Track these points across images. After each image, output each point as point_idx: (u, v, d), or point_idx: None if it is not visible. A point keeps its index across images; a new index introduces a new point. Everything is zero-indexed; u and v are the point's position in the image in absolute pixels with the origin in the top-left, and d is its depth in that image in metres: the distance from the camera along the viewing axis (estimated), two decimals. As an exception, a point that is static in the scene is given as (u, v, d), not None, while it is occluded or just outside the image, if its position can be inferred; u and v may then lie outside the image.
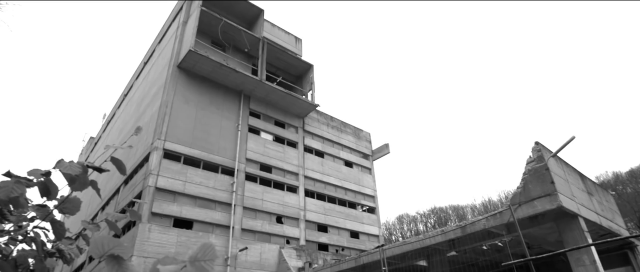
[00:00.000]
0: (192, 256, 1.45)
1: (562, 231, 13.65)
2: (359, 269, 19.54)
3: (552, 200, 12.88)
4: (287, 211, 29.95)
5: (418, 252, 17.08)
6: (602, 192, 17.76)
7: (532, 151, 14.49)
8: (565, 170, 14.97)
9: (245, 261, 25.83)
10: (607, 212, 16.54)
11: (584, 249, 12.52)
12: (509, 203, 13.79)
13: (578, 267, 12.73)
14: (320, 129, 36.49)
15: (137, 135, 2.28)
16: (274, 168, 31.12)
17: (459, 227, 15.47)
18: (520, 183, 14.16)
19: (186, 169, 26.32)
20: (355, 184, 36.28)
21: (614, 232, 15.66)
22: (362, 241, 33.70)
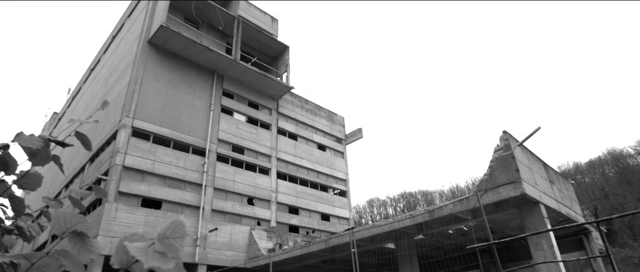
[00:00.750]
0: (160, 233, 1.38)
1: (524, 217, 14.26)
2: (329, 251, 19.82)
3: (517, 187, 13.39)
4: (259, 193, 29.88)
5: (387, 235, 17.46)
6: (562, 181, 18.61)
7: (500, 139, 14.94)
8: (530, 159, 15.56)
9: (215, 241, 25.70)
10: (566, 200, 17.38)
11: (543, 234, 13.14)
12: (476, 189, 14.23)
13: (537, 251, 13.36)
14: (294, 112, 36.33)
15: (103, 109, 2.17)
16: (247, 149, 30.84)
17: (427, 212, 15.87)
18: (487, 170, 14.62)
19: (155, 148, 25.70)
20: (328, 167, 36.51)
21: (572, 219, 16.50)
22: (332, 223, 34.14)
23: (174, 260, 1.32)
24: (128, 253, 1.34)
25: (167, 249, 1.34)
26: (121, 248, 1.37)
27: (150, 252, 1.33)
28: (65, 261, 1.39)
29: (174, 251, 1.34)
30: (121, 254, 1.39)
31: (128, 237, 1.40)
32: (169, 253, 1.33)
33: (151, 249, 1.34)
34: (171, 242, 1.35)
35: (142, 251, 1.31)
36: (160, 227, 1.35)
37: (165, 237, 1.35)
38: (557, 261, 12.56)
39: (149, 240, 1.38)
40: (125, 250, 1.35)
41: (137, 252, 1.29)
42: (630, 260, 39.35)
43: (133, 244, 1.36)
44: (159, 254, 1.32)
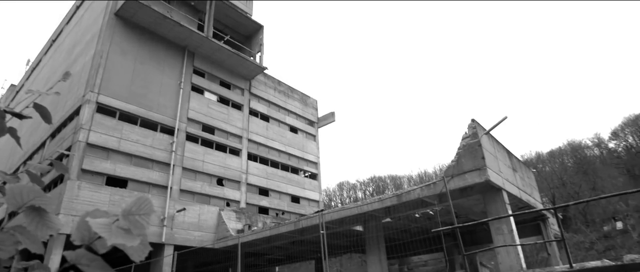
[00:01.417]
0: (125, 209, 1.32)
1: (487, 203, 14.81)
2: (298, 232, 19.98)
3: (482, 174, 13.86)
4: (229, 174, 29.59)
5: (355, 217, 17.75)
6: (525, 169, 19.40)
7: (468, 127, 15.35)
8: (496, 147, 16.09)
9: (182, 222, 25.38)
10: (527, 187, 18.16)
11: (504, 219, 13.72)
12: (443, 175, 14.62)
13: (497, 235, 13.96)
14: (267, 93, 35.91)
15: (65, 81, 2.03)
16: (217, 130, 30.34)
17: (396, 196, 16.21)
18: (455, 157, 15.03)
19: (122, 126, 24.86)
20: (299, 150, 36.51)
21: (531, 206, 17.29)
22: (302, 205, 34.36)
23: (139, 237, 1.26)
24: (90, 229, 1.27)
25: (133, 225, 1.29)
26: (83, 224, 1.30)
27: (114, 228, 1.26)
28: (21, 238, 1.31)
29: (139, 227, 1.28)
30: (83, 230, 1.32)
31: (90, 212, 1.33)
32: (134, 230, 1.28)
33: (115, 226, 1.28)
34: (137, 219, 1.29)
35: (106, 227, 1.24)
36: (125, 203, 1.29)
37: (131, 213, 1.29)
38: (516, 244, 13.17)
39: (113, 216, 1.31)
40: (87, 226, 1.28)
41: (99, 228, 1.23)
42: (582, 245, 41.88)
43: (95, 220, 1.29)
44: (123, 231, 1.26)
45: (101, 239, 1.31)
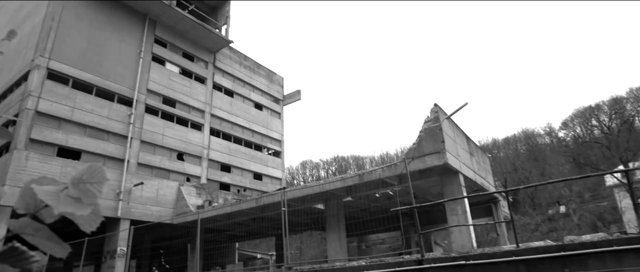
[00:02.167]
0: (76, 177, 1.21)
1: (445, 185, 15.39)
2: (259, 209, 19.97)
3: (441, 157, 14.32)
4: (190, 149, 28.90)
5: (317, 196, 17.93)
6: (481, 153, 20.23)
7: (431, 111, 15.73)
8: (455, 132, 16.62)
9: (140, 196, 24.68)
10: (482, 171, 18.99)
11: (459, 200, 14.32)
12: (404, 157, 14.97)
13: (452, 216, 14.59)
14: (232, 67, 35.02)
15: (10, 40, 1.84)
16: (179, 103, 29.39)
17: (358, 176, 16.48)
18: (416, 140, 15.41)
19: (75, 94, 23.53)
20: (264, 127, 36.13)
21: (485, 189, 18.12)
22: (265, 183, 34.27)
23: (90, 206, 1.17)
24: (35, 197, 1.17)
25: (83, 194, 1.19)
26: (27, 191, 1.19)
27: (62, 196, 1.16)
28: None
29: (90, 196, 1.19)
30: (27, 198, 1.21)
31: (36, 180, 1.22)
32: (84, 199, 1.18)
33: (64, 194, 1.18)
34: (88, 187, 1.20)
35: (53, 195, 1.14)
36: (75, 171, 1.19)
37: (82, 181, 1.19)
38: (469, 224, 13.81)
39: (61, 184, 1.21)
40: (32, 193, 1.18)
41: (46, 196, 1.13)
42: (528, 226, 44.70)
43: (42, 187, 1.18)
44: (72, 200, 1.17)
45: (48, 207, 1.21)
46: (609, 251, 7.81)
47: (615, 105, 61.22)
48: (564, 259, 8.13)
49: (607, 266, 7.72)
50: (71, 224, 1.24)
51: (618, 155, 48.76)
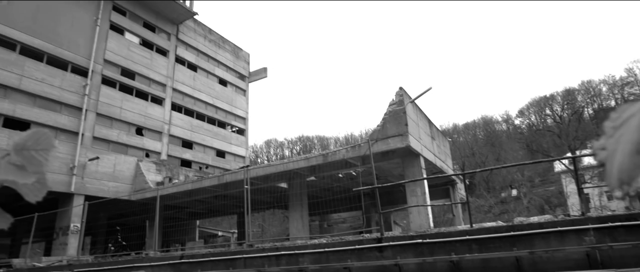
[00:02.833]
0: (18, 143, 1.09)
1: (406, 167, 15.78)
2: (222, 187, 19.72)
3: (403, 139, 14.62)
4: (150, 123, 27.90)
5: (281, 175, 17.91)
6: (442, 138, 20.84)
7: (396, 94, 15.95)
8: (419, 116, 16.98)
9: (95, 171, 23.69)
10: (442, 155, 19.60)
11: (419, 182, 14.76)
12: (368, 138, 15.17)
13: (412, 197, 15.03)
14: (197, 41, 33.80)
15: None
16: (138, 75, 28.14)
17: (322, 155, 16.57)
18: (381, 122, 15.62)
19: (23, 61, 21.98)
20: (228, 104, 35.37)
21: (444, 171, 18.75)
22: (228, 160, 33.80)
23: (35, 175, 1.07)
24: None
25: (27, 161, 1.08)
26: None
27: (3, 164, 1.05)
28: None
29: (36, 164, 1.08)
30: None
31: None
32: (29, 167, 1.07)
33: (5, 161, 1.07)
34: (33, 154, 1.09)
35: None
36: (18, 137, 1.07)
37: (25, 148, 1.08)
38: (427, 204, 14.30)
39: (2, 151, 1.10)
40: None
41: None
42: (482, 208, 46.98)
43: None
44: (15, 167, 1.06)
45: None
46: (553, 231, 8.33)
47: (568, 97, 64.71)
48: (513, 238, 8.60)
49: (551, 245, 8.24)
50: (20, 198, 1.13)
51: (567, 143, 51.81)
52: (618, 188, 0.58)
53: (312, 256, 10.87)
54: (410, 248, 9.62)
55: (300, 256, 11.05)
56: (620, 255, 7.72)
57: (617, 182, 0.57)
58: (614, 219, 8.16)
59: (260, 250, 12.14)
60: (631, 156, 0.56)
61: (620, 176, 0.57)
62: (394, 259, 9.59)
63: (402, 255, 9.60)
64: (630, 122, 0.58)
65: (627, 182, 0.56)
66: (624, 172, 0.57)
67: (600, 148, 0.63)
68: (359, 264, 9.97)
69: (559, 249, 8.12)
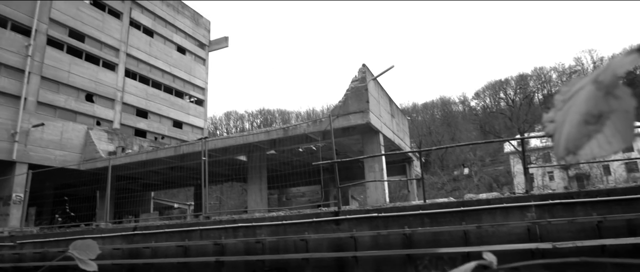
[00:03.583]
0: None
1: (365, 143, 16.02)
2: (178, 158, 19.19)
3: (364, 116, 14.78)
4: (101, 90, 26.41)
5: (240, 147, 17.64)
6: (401, 116, 21.24)
7: (358, 71, 15.99)
8: (380, 93, 17.15)
9: (40, 138, 22.29)
10: (401, 133, 20.03)
11: (377, 158, 15.05)
12: (330, 114, 15.18)
13: (370, 173, 15.34)
14: (153, 4, 31.96)
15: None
16: (89, 37, 26.36)
17: (282, 129, 16.44)
18: (343, 98, 15.66)
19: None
20: (186, 73, 34.06)
21: (402, 149, 19.21)
22: (185, 131, 32.85)
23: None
24: None
25: None
26: None
27: None
28: None
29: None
30: None
31: None
32: None
33: None
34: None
35: None
36: None
37: None
38: (384, 180, 14.65)
39: None
40: None
41: None
42: (435, 185, 48.95)
43: None
44: None
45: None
46: (499, 207, 8.79)
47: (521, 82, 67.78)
48: (463, 213, 9.01)
49: (497, 220, 8.71)
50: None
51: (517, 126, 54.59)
52: (565, 157, 0.56)
53: (270, 228, 10.89)
54: (366, 221, 9.84)
55: (257, 228, 11.04)
56: (557, 230, 8.29)
57: (564, 151, 0.56)
58: (553, 197, 8.71)
59: (218, 222, 12.01)
60: (578, 126, 0.55)
61: (567, 145, 0.56)
62: (350, 232, 9.79)
63: (358, 228, 9.82)
64: (579, 95, 0.58)
65: (573, 151, 0.55)
66: (570, 142, 0.56)
67: (549, 120, 0.62)
68: (316, 236, 10.11)
69: (503, 224, 8.59)
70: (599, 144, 0.55)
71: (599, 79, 0.55)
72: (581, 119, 0.55)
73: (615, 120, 0.54)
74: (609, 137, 0.55)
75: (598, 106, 0.54)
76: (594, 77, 0.57)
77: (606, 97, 0.54)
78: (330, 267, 9.97)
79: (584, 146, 0.55)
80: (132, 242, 12.57)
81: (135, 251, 12.45)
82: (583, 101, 0.56)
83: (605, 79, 0.54)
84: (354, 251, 9.67)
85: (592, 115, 0.54)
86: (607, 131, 0.55)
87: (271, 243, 10.74)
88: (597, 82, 0.55)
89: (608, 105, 0.53)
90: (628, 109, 0.54)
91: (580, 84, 0.60)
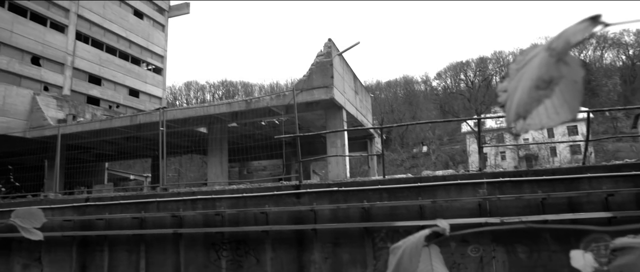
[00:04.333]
0: None
1: (328, 118, 16.09)
2: (134, 128, 18.48)
3: (328, 92, 14.77)
4: (49, 53, 24.64)
5: (201, 119, 17.23)
6: (365, 93, 21.41)
7: (324, 46, 15.85)
8: (345, 69, 17.14)
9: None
10: (363, 109, 20.24)
11: (339, 133, 15.18)
12: (293, 88, 15.05)
13: (332, 148, 15.48)
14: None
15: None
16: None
17: (245, 102, 16.18)
18: (307, 72, 15.53)
19: None
20: (144, 38, 32.36)
21: (364, 125, 19.46)
22: (142, 100, 31.51)
23: None
24: None
25: None
26: None
27: None
28: None
29: None
30: None
31: None
32: None
33: None
34: None
35: None
36: None
37: None
38: (345, 155, 14.85)
39: None
40: None
41: None
42: (395, 162, 50.26)
43: None
44: None
45: None
46: (453, 183, 9.18)
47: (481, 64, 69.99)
48: (419, 189, 9.33)
49: (451, 196, 9.11)
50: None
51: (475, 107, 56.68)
52: (515, 122, 0.57)
53: (230, 200, 10.82)
54: (326, 195, 9.98)
55: (217, 201, 10.94)
56: (505, 205, 8.78)
57: (514, 116, 0.57)
58: (503, 174, 9.20)
59: (176, 194, 11.78)
60: (529, 91, 0.56)
61: (518, 109, 0.57)
62: (310, 205, 9.91)
63: (319, 202, 9.95)
64: (532, 62, 0.58)
65: (523, 115, 0.56)
66: (521, 107, 0.57)
67: (503, 90, 0.63)
68: (276, 209, 10.16)
69: (456, 199, 8.99)
70: (548, 114, 0.56)
71: (552, 46, 0.55)
72: (533, 84, 0.56)
73: (564, 89, 0.55)
74: (557, 108, 0.56)
75: (549, 72, 0.54)
76: (547, 45, 0.57)
77: (557, 64, 0.54)
78: (290, 240, 10.10)
79: (534, 110, 0.55)
80: (85, 213, 12.12)
81: (87, 223, 12.03)
82: (536, 67, 0.56)
83: (558, 45, 0.54)
84: (313, 224, 9.83)
85: (543, 81, 0.54)
86: (556, 101, 0.56)
87: (231, 216, 10.70)
88: (550, 49, 0.55)
89: (559, 71, 0.54)
90: (577, 79, 0.55)
91: (534, 52, 0.60)
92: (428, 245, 0.72)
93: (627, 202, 8.22)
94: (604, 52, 67.80)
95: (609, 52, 67.86)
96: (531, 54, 0.62)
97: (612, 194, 8.13)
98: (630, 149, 40.28)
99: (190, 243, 10.93)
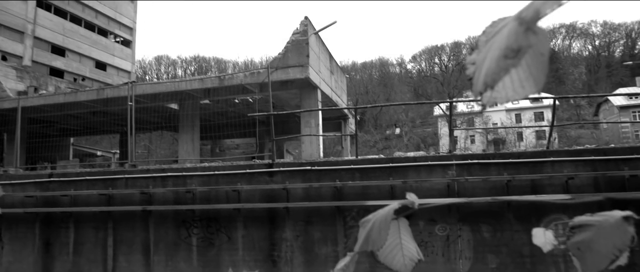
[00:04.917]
0: None
1: (303, 98, 15.99)
2: (101, 102, 17.80)
3: (304, 71, 14.63)
4: (7, 20, 23.19)
5: (172, 94, 16.78)
6: (340, 73, 21.35)
7: (300, 24, 15.61)
8: (321, 48, 16.98)
9: None
10: (338, 90, 20.22)
11: (314, 113, 15.15)
12: (268, 65, 14.82)
13: (306, 128, 15.45)
14: None
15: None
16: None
17: (218, 78, 15.85)
18: (282, 50, 15.30)
19: None
20: (111, 9, 30.86)
21: (339, 106, 19.48)
22: (109, 74, 30.31)
23: None
24: None
25: None
26: None
27: None
28: None
29: None
30: None
31: None
32: None
33: None
34: None
35: None
36: None
37: None
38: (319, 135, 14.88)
39: None
40: None
41: None
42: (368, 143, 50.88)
43: None
44: None
45: None
46: (424, 165, 9.39)
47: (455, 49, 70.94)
48: (391, 169, 9.49)
49: (421, 177, 9.32)
50: None
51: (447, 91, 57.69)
52: (482, 92, 0.56)
53: (202, 178, 10.69)
54: (299, 174, 10.00)
55: (188, 178, 10.78)
56: (472, 186, 9.07)
57: (482, 86, 0.56)
58: (472, 157, 9.48)
59: (145, 171, 11.51)
60: (498, 60, 0.55)
61: (486, 79, 0.56)
62: (283, 183, 9.92)
63: (291, 180, 9.96)
64: (501, 32, 0.58)
65: (491, 84, 0.55)
66: (489, 76, 0.56)
67: (471, 62, 0.62)
68: (249, 187, 10.12)
69: (426, 180, 9.21)
70: (514, 87, 0.56)
71: (521, 15, 0.55)
72: (501, 53, 0.55)
73: (530, 63, 0.55)
74: (523, 81, 0.56)
75: (518, 41, 0.54)
76: (517, 14, 0.56)
77: (526, 33, 0.54)
78: (262, 218, 10.12)
79: (501, 80, 0.55)
80: (48, 189, 11.70)
81: (51, 199, 11.63)
82: (505, 37, 0.56)
83: (527, 15, 0.54)
84: (286, 203, 9.86)
85: (511, 50, 0.54)
86: (522, 74, 0.56)
87: (202, 193, 10.58)
88: (520, 18, 0.54)
89: (527, 40, 0.54)
90: (543, 52, 0.55)
91: (503, 23, 0.60)
92: (397, 218, 0.74)
93: (586, 185, 8.65)
94: (572, 42, 70.01)
95: (577, 42, 70.14)
96: (500, 25, 0.62)
97: (572, 177, 8.52)
98: (591, 135, 42.21)
99: (160, 220, 10.78)
